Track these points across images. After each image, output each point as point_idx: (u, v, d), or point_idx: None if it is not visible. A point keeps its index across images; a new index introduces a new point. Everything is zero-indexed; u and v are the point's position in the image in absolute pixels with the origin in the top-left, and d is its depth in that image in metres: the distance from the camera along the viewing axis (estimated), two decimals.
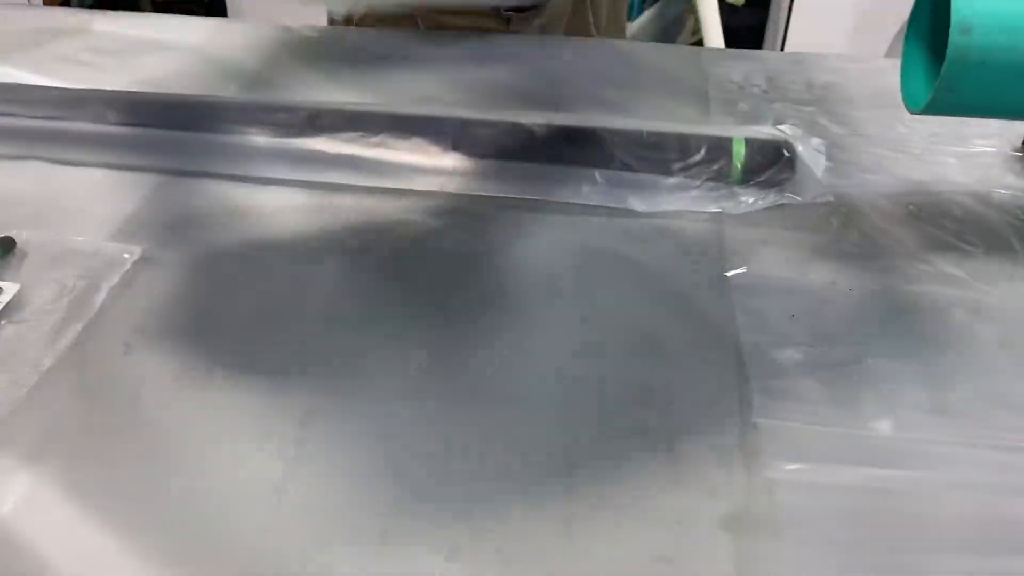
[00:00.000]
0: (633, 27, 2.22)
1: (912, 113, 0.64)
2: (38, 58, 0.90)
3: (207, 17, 1.05)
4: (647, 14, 2.27)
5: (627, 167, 0.72)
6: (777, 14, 2.05)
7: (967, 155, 0.76)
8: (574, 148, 0.73)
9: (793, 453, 0.48)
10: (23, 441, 0.48)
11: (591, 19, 1.02)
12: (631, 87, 0.86)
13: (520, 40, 0.95)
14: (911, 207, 0.69)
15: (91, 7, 2.24)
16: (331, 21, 1.05)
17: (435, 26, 0.97)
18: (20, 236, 0.63)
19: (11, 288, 0.58)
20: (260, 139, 0.73)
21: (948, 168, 0.74)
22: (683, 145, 0.71)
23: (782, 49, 1.99)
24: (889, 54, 1.91)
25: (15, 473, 0.47)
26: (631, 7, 2.26)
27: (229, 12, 2.12)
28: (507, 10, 0.96)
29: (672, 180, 0.70)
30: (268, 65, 0.89)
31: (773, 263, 0.64)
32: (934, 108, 0.62)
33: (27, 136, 0.76)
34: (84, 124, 0.76)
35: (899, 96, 0.66)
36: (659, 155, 0.73)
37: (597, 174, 0.70)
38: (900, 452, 0.48)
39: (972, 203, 0.70)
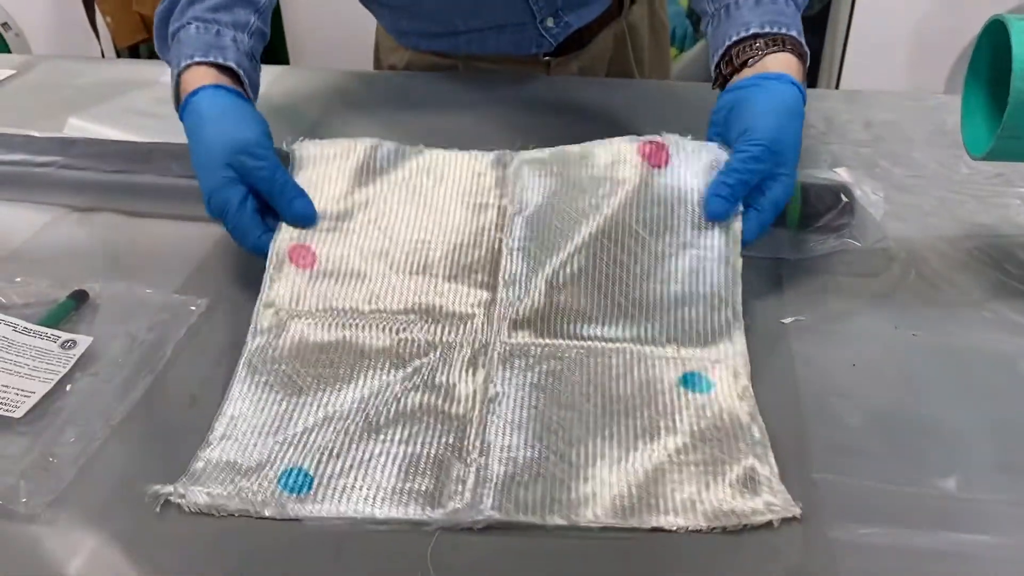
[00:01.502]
0: (684, 58, 2.21)
1: (974, 159, 0.63)
2: (108, 111, 0.93)
3: (267, 65, 1.08)
4: (700, 44, 2.27)
5: None
6: (833, 45, 2.02)
7: None
8: None
9: (854, 512, 0.48)
10: (91, 501, 0.50)
11: (632, 59, 1.03)
12: (678, 129, 0.85)
13: (560, 83, 0.96)
14: (974, 251, 0.68)
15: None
16: (380, 66, 1.08)
17: (476, 71, 0.98)
18: (93, 289, 0.65)
19: (84, 341, 0.60)
20: None
21: (1012, 210, 0.73)
22: None
23: (838, 80, 1.97)
24: (948, 86, 1.87)
25: (82, 534, 0.48)
26: (683, 38, 2.25)
27: (291, 59, 2.19)
28: (545, 55, 0.97)
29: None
30: (324, 111, 0.92)
31: (832, 310, 0.63)
32: (997, 154, 0.61)
33: (98, 188, 0.79)
34: (152, 176, 0.80)
35: (960, 134, 0.65)
36: None
37: None
38: (965, 513, 0.47)
39: None
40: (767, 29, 0.66)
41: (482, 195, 0.67)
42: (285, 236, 0.64)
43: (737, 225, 0.62)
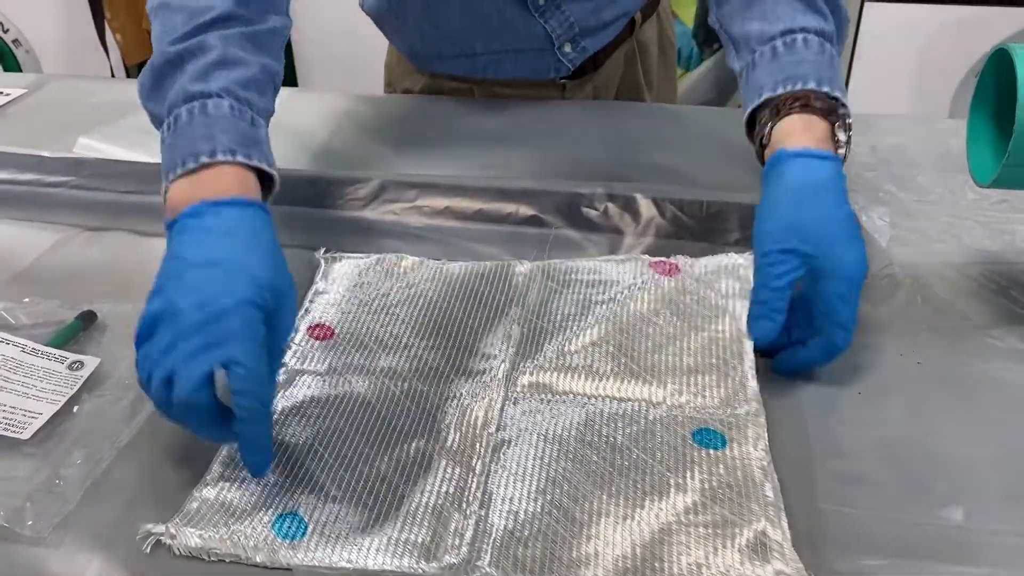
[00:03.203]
0: (691, 77, 2.23)
1: (980, 187, 0.63)
2: (119, 130, 0.94)
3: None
4: (705, 64, 2.28)
5: (689, 236, 0.73)
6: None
7: None
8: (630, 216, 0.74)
9: (860, 542, 0.47)
10: (97, 524, 0.50)
11: (642, 80, 1.03)
12: (687, 153, 0.86)
13: (574, 107, 0.97)
14: (980, 278, 0.68)
15: None
16: (391, 90, 1.08)
17: (491, 95, 0.99)
18: (101, 310, 0.66)
19: (92, 362, 0.60)
20: (332, 211, 0.76)
21: (1019, 236, 0.73)
22: (743, 216, 0.72)
23: None
24: (952, 110, 1.88)
25: (87, 557, 0.48)
26: (688, 58, 2.26)
27: (299, 81, 2.20)
28: (562, 78, 0.97)
29: (733, 251, 0.70)
30: (336, 135, 0.92)
31: None
32: (1002, 182, 0.61)
33: (108, 208, 0.80)
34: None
35: (965, 159, 0.65)
36: (720, 225, 0.73)
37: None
38: (972, 544, 0.47)
39: None
40: (779, 91, 0.63)
41: (496, 290, 0.67)
42: (306, 318, 0.65)
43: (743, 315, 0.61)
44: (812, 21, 0.66)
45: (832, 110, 0.62)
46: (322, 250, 0.71)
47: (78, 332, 0.64)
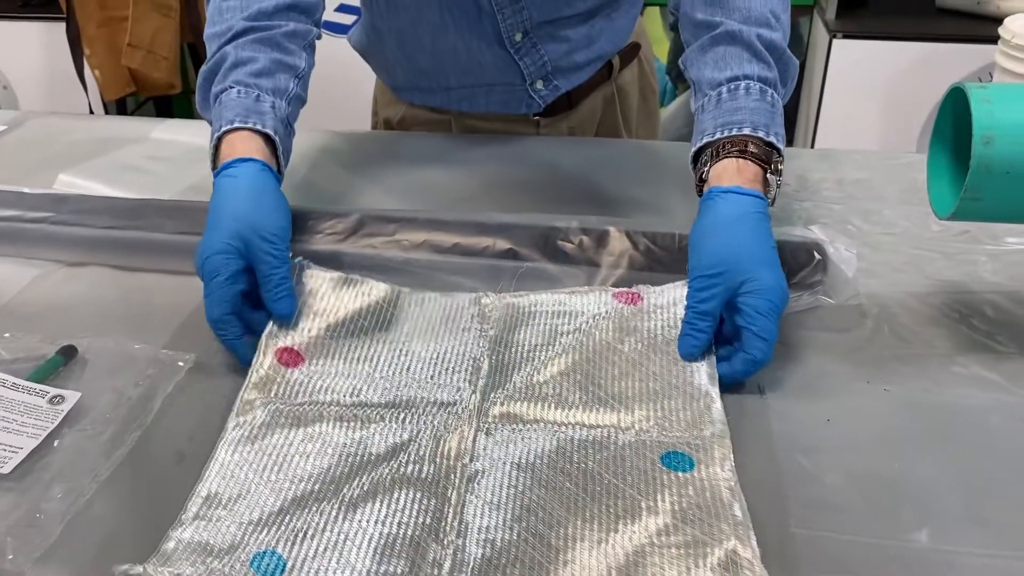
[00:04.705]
0: (666, 112, 2.27)
1: (940, 219, 0.65)
2: (98, 167, 0.95)
3: None
4: (679, 100, 2.32)
5: (662, 268, 0.75)
6: (808, 105, 2.08)
7: (999, 253, 0.77)
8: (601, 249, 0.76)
9: (831, 565, 0.49)
10: (77, 558, 0.50)
11: (621, 124, 1.06)
12: (660, 186, 0.88)
13: (550, 142, 0.99)
14: (943, 307, 0.70)
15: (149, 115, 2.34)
16: (374, 126, 1.10)
17: (466, 130, 1.01)
18: (81, 344, 0.66)
19: (72, 396, 0.61)
20: (311, 246, 0.77)
21: (979, 267, 0.75)
22: None
23: (813, 139, 2.02)
24: (919, 145, 1.92)
25: None
26: (663, 93, 2.31)
27: None
28: (535, 115, 0.99)
29: None
30: (315, 170, 0.93)
31: (806, 366, 0.65)
32: (961, 214, 0.63)
33: (88, 243, 0.80)
34: (142, 232, 0.81)
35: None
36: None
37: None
38: (938, 565, 0.49)
39: (1004, 302, 0.70)
40: (717, 136, 0.69)
41: (463, 321, 0.69)
42: (273, 338, 0.65)
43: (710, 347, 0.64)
44: (756, 69, 0.72)
45: (766, 157, 0.69)
46: (297, 258, 0.71)
47: (59, 367, 0.64)
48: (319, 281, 0.70)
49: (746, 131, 0.69)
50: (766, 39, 0.73)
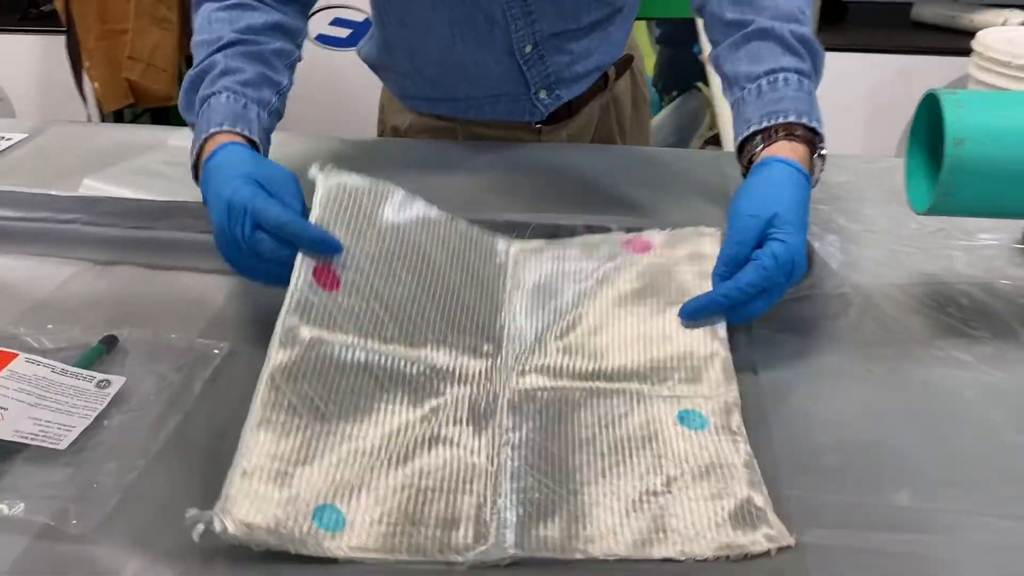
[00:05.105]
0: (654, 122, 2.33)
1: (917, 214, 0.71)
2: (120, 172, 0.99)
3: None
4: (666, 110, 2.39)
5: None
6: None
7: (973, 248, 0.83)
8: None
9: (820, 520, 0.54)
10: (136, 523, 0.55)
11: (616, 131, 1.11)
12: (654, 189, 0.93)
13: (550, 149, 1.04)
14: (922, 297, 0.76)
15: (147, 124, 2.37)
16: (380, 133, 1.15)
17: (472, 137, 1.06)
18: (121, 334, 0.71)
19: (118, 381, 0.65)
20: None
21: (955, 261, 0.81)
22: None
23: None
24: (899, 150, 2.00)
25: (129, 553, 0.52)
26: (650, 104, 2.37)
27: (291, 124, 2.25)
28: (537, 123, 1.05)
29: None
30: None
31: (798, 349, 0.70)
32: (936, 210, 0.69)
33: (117, 243, 0.85)
34: (168, 232, 0.85)
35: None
36: None
37: None
38: (918, 518, 0.54)
39: (978, 293, 0.76)
40: (764, 124, 0.74)
41: (484, 268, 0.74)
42: (309, 257, 0.65)
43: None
44: (791, 61, 0.77)
45: (811, 140, 0.74)
46: (317, 165, 0.73)
47: (102, 354, 0.68)
48: (346, 192, 0.71)
49: (791, 118, 0.73)
50: (798, 33, 0.78)
